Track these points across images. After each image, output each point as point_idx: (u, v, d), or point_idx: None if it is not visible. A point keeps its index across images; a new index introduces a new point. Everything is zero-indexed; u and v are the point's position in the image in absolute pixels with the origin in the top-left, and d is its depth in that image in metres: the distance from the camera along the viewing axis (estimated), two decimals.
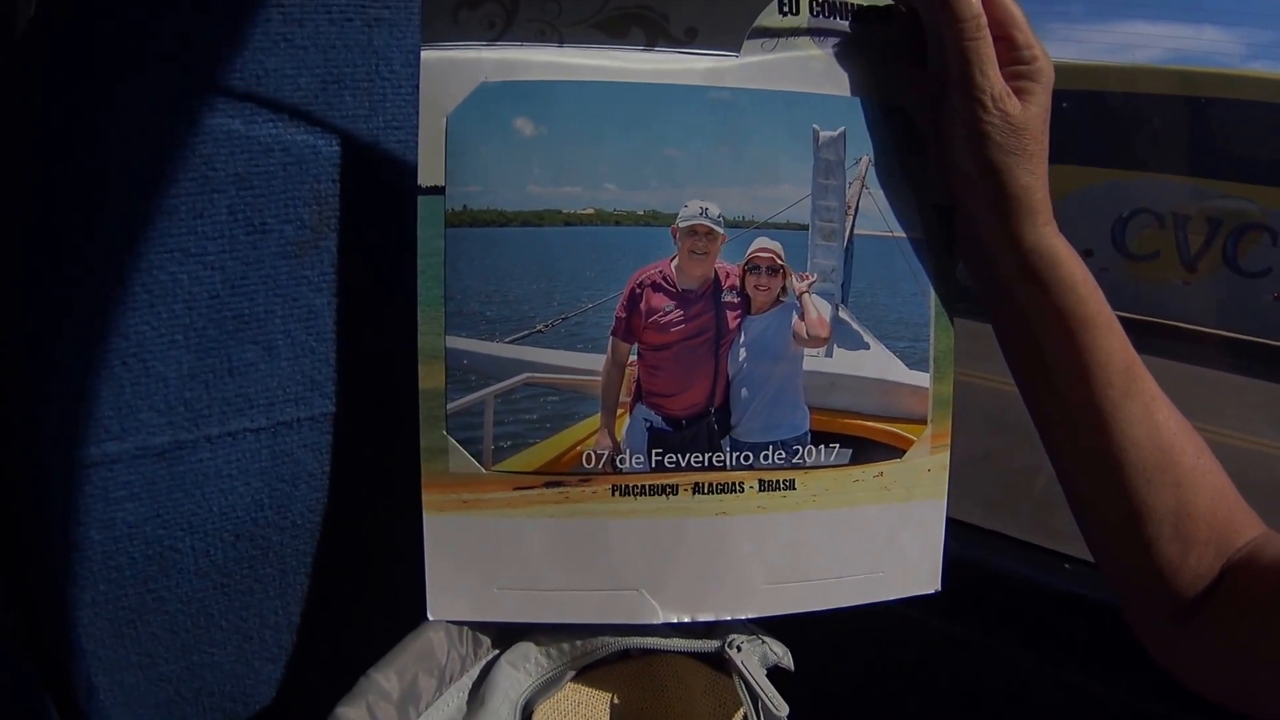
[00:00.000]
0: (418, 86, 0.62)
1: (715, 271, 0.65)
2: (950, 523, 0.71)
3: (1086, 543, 0.71)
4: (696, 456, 0.65)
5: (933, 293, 0.69)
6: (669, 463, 0.65)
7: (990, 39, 0.64)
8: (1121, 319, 0.67)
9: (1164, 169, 5.70)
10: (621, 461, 0.64)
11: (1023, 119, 0.64)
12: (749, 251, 0.65)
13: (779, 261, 0.66)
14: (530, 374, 0.64)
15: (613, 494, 0.64)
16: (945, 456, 0.70)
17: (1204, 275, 5.52)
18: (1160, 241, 5.62)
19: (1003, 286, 0.67)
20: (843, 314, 0.68)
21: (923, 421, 0.69)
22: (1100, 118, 5.67)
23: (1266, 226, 5.44)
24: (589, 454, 0.64)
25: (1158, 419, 0.66)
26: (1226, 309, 5.32)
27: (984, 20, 0.64)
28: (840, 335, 0.68)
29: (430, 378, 0.63)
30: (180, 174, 0.64)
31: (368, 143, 0.70)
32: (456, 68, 0.62)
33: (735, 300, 0.66)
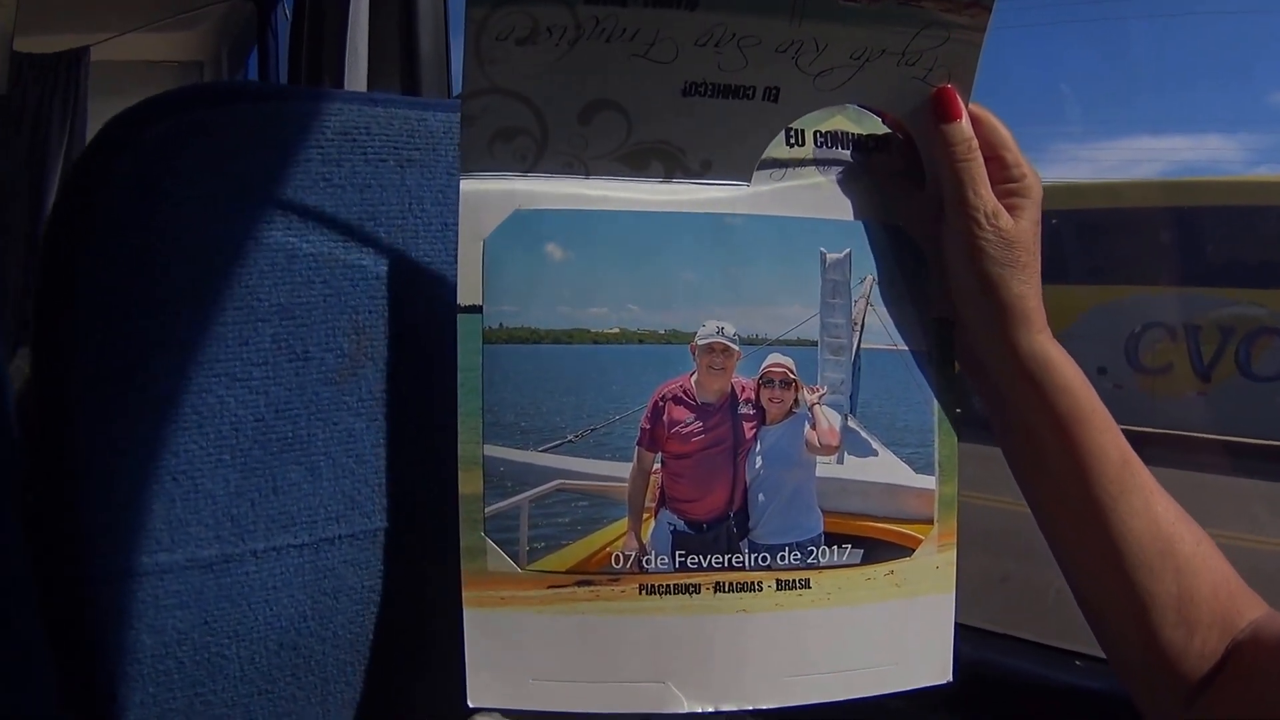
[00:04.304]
0: (448, 224, 0.64)
1: (732, 386, 0.67)
2: (968, 629, 0.72)
3: (1094, 632, 0.71)
4: (717, 557, 0.66)
5: (935, 401, 0.70)
6: (692, 563, 0.66)
7: (982, 160, 0.67)
8: (1140, 433, 0.68)
9: (1173, 281, 5.60)
10: (648, 562, 0.66)
11: (1015, 233, 0.66)
12: (763, 367, 0.67)
13: (791, 376, 0.68)
14: (562, 480, 0.65)
15: (640, 592, 0.66)
16: (952, 554, 0.71)
17: (1218, 384, 5.43)
18: (1173, 354, 5.52)
19: (1001, 391, 0.69)
20: (852, 423, 0.69)
21: (929, 522, 0.70)
22: (1107, 236, 5.60)
23: (1279, 330, 5.38)
24: (617, 555, 0.66)
25: (1156, 510, 0.67)
26: (1243, 415, 5.21)
27: (975, 143, 0.66)
28: (850, 443, 0.69)
29: (469, 483, 0.64)
30: (228, 304, 0.66)
31: (403, 277, 0.71)
32: (492, 196, 0.64)
33: (751, 412, 0.67)
